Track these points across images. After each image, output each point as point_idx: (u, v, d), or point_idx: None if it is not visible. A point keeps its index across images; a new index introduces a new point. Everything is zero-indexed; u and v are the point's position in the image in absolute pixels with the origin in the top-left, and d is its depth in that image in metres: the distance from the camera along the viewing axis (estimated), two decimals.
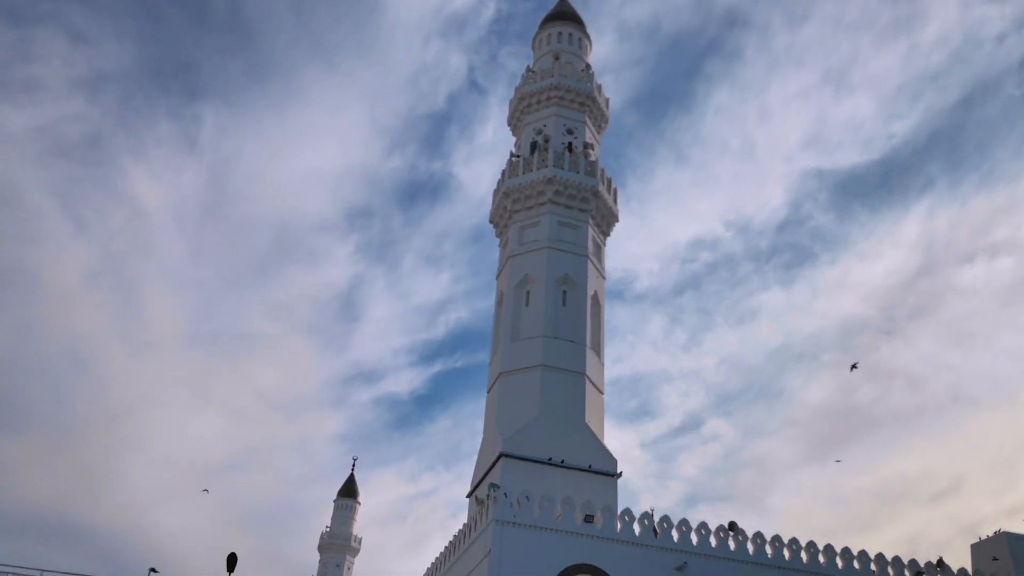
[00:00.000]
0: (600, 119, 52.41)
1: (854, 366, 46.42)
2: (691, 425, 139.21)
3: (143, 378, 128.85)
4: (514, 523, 30.71)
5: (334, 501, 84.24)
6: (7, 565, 17.77)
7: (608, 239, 48.21)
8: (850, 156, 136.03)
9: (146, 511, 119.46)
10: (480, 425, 43.54)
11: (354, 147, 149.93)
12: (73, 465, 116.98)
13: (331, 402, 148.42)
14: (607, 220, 47.80)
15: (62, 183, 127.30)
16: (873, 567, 34.80)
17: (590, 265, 44.84)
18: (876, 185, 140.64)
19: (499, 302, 45.84)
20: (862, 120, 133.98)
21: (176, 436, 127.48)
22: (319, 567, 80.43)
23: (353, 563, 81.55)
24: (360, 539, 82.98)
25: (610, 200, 47.83)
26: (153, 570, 20.15)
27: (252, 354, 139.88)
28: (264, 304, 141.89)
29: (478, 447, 42.56)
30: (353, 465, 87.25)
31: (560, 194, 45.78)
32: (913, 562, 35.61)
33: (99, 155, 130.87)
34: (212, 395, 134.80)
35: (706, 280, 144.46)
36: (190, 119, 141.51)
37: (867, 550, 35.07)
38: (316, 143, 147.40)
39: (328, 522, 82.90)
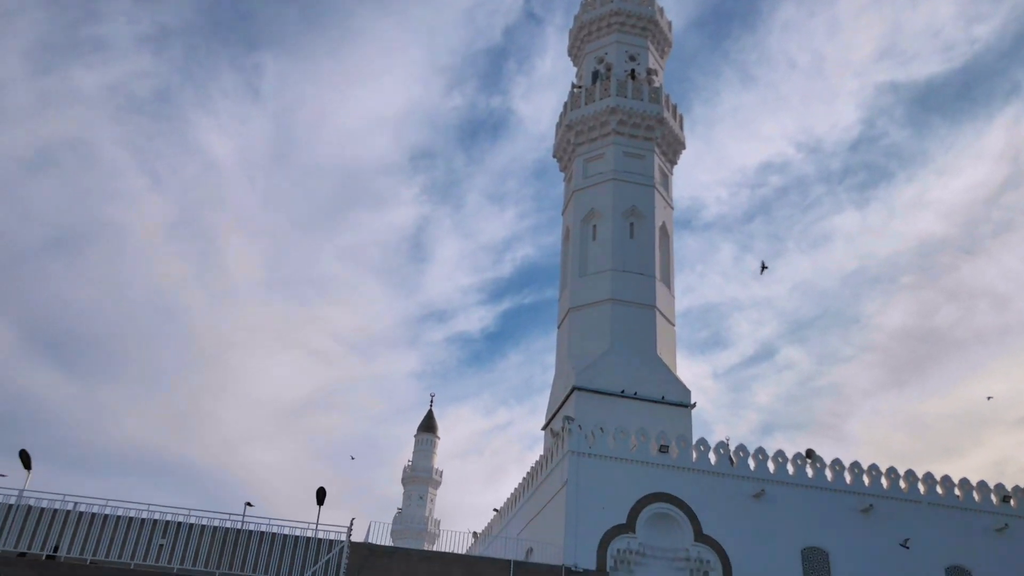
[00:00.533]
0: (663, 43, 50.67)
1: (763, 266, 44.76)
2: (764, 354, 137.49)
3: (227, 323, 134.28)
4: (590, 454, 31.19)
5: (414, 436, 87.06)
6: (118, 500, 19.09)
7: (675, 167, 47.16)
8: (928, 66, 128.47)
9: (239, 448, 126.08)
10: (551, 360, 44.00)
11: (413, 87, 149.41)
12: (168, 407, 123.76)
13: (405, 341, 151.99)
14: (673, 148, 46.66)
15: (136, 138, 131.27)
16: (958, 492, 34.15)
17: (657, 195, 44.03)
18: (956, 95, 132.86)
19: (566, 237, 45.63)
20: (941, 26, 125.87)
21: (261, 378, 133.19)
22: (403, 499, 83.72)
23: (435, 494, 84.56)
24: (441, 472, 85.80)
25: (676, 127, 46.58)
26: (249, 504, 21.29)
27: (327, 297, 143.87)
28: (335, 248, 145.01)
29: (550, 381, 43.10)
30: (431, 401, 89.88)
31: (624, 124, 44.79)
32: (1000, 486, 34.77)
33: (169, 109, 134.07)
34: (292, 338, 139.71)
35: (776, 205, 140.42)
36: (252, 69, 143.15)
37: (951, 475, 34.41)
38: (376, 85, 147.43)
39: (410, 456, 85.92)
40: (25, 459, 19.63)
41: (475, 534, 43.59)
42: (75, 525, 18.56)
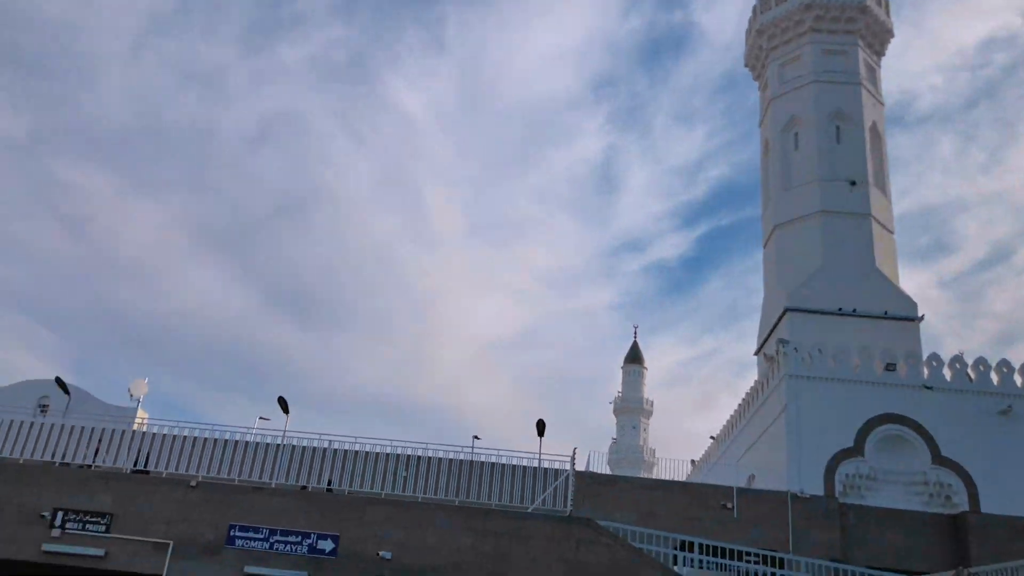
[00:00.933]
0: None
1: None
2: (998, 256, 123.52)
3: (436, 271, 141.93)
4: (808, 377, 30.01)
5: (621, 367, 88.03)
6: (365, 437, 21.07)
7: (882, 59, 42.89)
8: None
9: (458, 387, 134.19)
10: (757, 282, 42.43)
11: (591, 15, 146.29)
12: (392, 352, 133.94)
13: (602, 274, 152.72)
14: (879, 37, 42.33)
15: (338, 104, 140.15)
16: None
17: (864, 93, 40.36)
18: None
19: (765, 150, 43.25)
20: None
21: (471, 320, 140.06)
22: (616, 429, 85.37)
23: (648, 424, 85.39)
24: (651, 401, 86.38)
25: (881, 13, 42.13)
26: (476, 437, 22.72)
27: (524, 237, 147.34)
28: (528, 188, 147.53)
29: (757, 305, 41.65)
30: (635, 332, 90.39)
31: (822, 19, 41.17)
32: None
33: (363, 73, 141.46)
34: (495, 280, 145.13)
35: (1004, 85, 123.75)
36: (435, 22, 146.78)
37: None
38: (554, 19, 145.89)
39: (619, 387, 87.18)
40: (283, 404, 22.34)
41: (693, 462, 43.65)
42: (331, 461, 20.92)
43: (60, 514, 19.49)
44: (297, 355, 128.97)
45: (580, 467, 24.25)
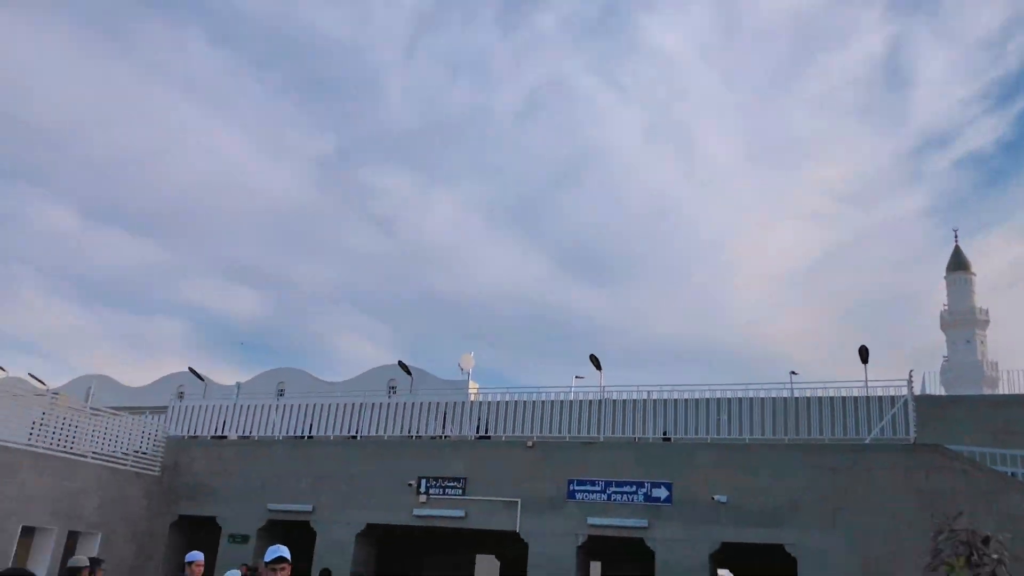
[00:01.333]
0: None
1: None
2: None
3: (720, 208, 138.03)
4: None
5: (944, 278, 79.12)
6: (684, 385, 21.28)
7: None
8: None
9: (759, 324, 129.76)
10: None
11: None
12: (684, 299, 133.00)
13: (905, 179, 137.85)
14: None
15: (597, 60, 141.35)
16: None
17: None
18: None
19: None
20: None
21: (766, 252, 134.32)
22: (947, 345, 76.90)
23: (984, 336, 75.75)
24: (985, 310, 76.49)
25: None
26: (793, 372, 21.91)
27: (809, 155, 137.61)
28: (806, 102, 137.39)
29: None
30: (955, 237, 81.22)
31: None
32: None
33: (617, 22, 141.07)
34: (783, 206, 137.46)
35: None
36: None
37: None
38: None
39: (944, 300, 78.49)
40: (595, 361, 23.38)
41: None
42: (651, 411, 21.49)
43: (424, 481, 22.22)
44: (596, 313, 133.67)
45: (915, 391, 22.29)
